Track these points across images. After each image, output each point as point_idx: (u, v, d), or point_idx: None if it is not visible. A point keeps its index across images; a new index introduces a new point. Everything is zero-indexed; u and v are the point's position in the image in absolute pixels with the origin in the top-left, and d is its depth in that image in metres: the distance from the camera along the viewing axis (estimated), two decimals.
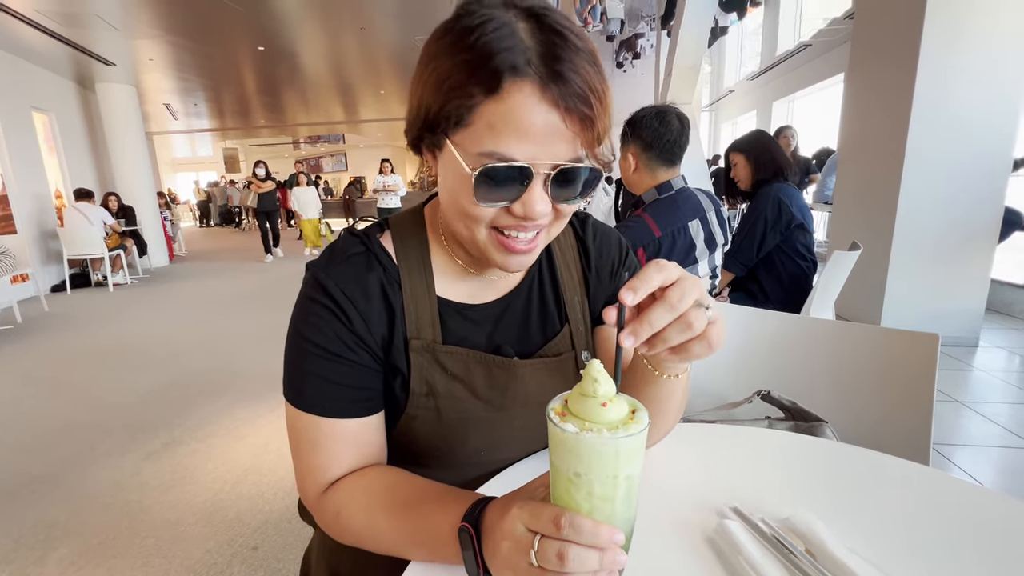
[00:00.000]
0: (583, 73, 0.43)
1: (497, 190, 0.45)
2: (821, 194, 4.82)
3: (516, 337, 0.61)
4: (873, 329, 0.92)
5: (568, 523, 0.34)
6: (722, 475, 0.58)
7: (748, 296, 1.96)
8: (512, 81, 0.42)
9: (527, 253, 0.50)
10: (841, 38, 6.51)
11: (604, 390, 0.35)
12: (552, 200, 0.47)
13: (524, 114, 0.43)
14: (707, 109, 12.16)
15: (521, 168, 0.44)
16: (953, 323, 2.92)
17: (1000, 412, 2.18)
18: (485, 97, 0.43)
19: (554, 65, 0.42)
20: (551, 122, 0.43)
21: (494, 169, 0.44)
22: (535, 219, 0.47)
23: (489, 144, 0.44)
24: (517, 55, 0.42)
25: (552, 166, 0.45)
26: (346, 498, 0.51)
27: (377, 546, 0.49)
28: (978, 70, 2.68)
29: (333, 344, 0.52)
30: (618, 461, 0.34)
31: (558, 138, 0.44)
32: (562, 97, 0.43)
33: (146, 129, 8.05)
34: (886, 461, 0.60)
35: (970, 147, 2.76)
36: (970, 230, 2.86)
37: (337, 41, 6.72)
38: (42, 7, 4.71)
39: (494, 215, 0.48)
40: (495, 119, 0.43)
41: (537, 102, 0.42)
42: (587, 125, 0.44)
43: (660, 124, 1.44)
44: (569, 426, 0.35)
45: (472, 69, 0.43)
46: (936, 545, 0.46)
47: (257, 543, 1.54)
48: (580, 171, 0.46)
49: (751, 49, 10.10)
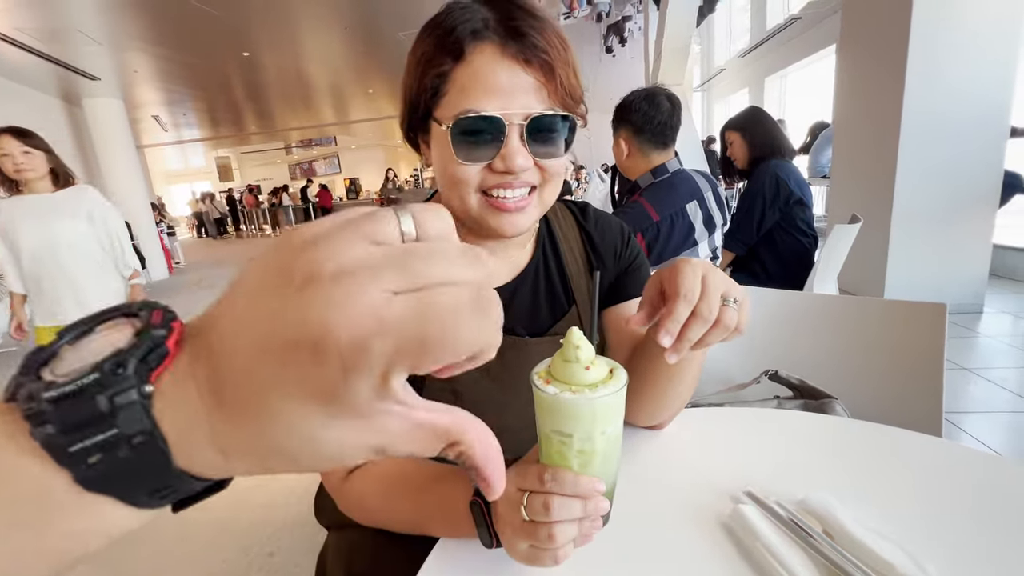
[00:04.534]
0: (538, 28, 0.48)
1: (476, 148, 0.49)
2: (816, 168, 4.78)
3: (526, 317, 0.63)
4: (879, 302, 0.91)
5: (551, 477, 0.38)
6: (734, 459, 0.58)
7: (750, 275, 1.95)
8: (474, 45, 0.48)
9: (519, 212, 0.53)
10: (831, 8, 6.43)
11: (585, 355, 0.38)
12: (532, 155, 0.50)
13: (489, 71, 0.48)
14: (699, 89, 12.06)
15: (493, 119, 0.48)
16: (957, 290, 2.91)
17: (1008, 377, 2.17)
18: (454, 63, 0.48)
19: (510, 24, 0.48)
20: (515, 76, 0.48)
21: (466, 119, 0.48)
22: (516, 171, 0.50)
23: (463, 104, 0.48)
24: (477, 23, 0.48)
25: (524, 116, 0.49)
26: (365, 484, 0.54)
27: (398, 526, 0.52)
28: (971, 34, 2.65)
29: None
30: (595, 419, 0.37)
31: (525, 91, 0.48)
32: (520, 51, 0.48)
33: (137, 142, 8.02)
34: (899, 435, 0.59)
35: (966, 112, 2.73)
36: (970, 196, 2.83)
37: (322, 42, 6.66)
38: (22, 24, 4.67)
39: (480, 176, 0.51)
40: (465, 80, 0.48)
41: (499, 58, 0.48)
42: (548, 73, 0.49)
43: (650, 107, 1.42)
44: (550, 388, 0.38)
45: (440, 42, 0.49)
46: (954, 517, 0.46)
47: (273, 549, 1.54)
48: (554, 121, 0.50)
49: (741, 26, 9.98)
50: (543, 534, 0.37)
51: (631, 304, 0.66)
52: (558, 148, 0.52)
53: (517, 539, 0.39)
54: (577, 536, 0.38)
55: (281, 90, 9.31)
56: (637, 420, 0.63)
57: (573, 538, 0.38)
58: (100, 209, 1.95)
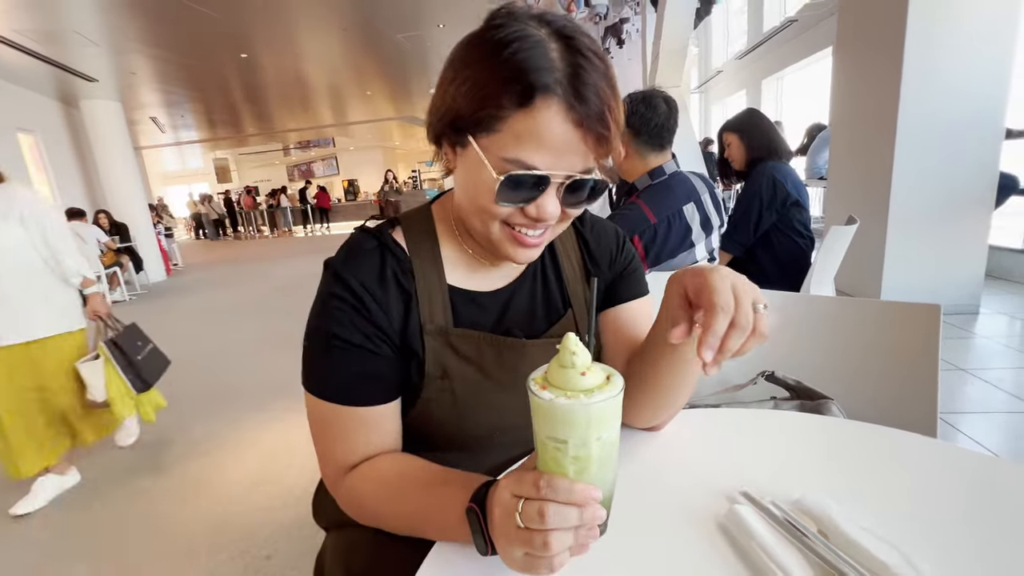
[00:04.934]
0: (604, 96, 0.48)
1: (516, 193, 0.50)
2: (813, 170, 4.80)
3: (523, 321, 0.64)
4: (874, 303, 0.92)
5: (546, 484, 0.37)
6: (730, 459, 0.58)
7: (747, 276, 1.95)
8: (542, 98, 0.46)
9: (535, 247, 0.55)
10: (828, 11, 6.46)
11: (581, 361, 0.38)
12: (562, 204, 0.52)
13: (549, 129, 0.47)
14: (696, 91, 12.08)
15: (541, 176, 0.49)
16: (953, 291, 2.92)
17: (1004, 377, 2.18)
18: (516, 109, 0.47)
19: (580, 87, 0.47)
20: (570, 138, 0.48)
21: (518, 176, 0.48)
22: (547, 221, 0.52)
23: (513, 151, 0.48)
24: (548, 75, 0.46)
25: (567, 176, 0.50)
26: (364, 484, 0.54)
27: (394, 527, 0.53)
28: (966, 37, 2.66)
29: (353, 335, 0.55)
30: (589, 424, 0.37)
31: (574, 151, 0.49)
32: (584, 117, 0.47)
33: (135, 144, 8.00)
34: (894, 436, 0.60)
35: (962, 113, 2.74)
36: (966, 197, 2.85)
37: (320, 44, 6.66)
38: (20, 27, 4.66)
39: (508, 212, 0.52)
40: (522, 130, 0.47)
41: (562, 120, 0.47)
42: (602, 144, 0.49)
43: (647, 109, 1.42)
44: (546, 393, 0.38)
45: (507, 82, 0.46)
46: (949, 518, 0.46)
47: (270, 552, 1.54)
48: (590, 181, 0.52)
49: (738, 28, 10.02)
50: (538, 542, 0.37)
51: (626, 307, 0.67)
52: (585, 198, 0.54)
53: (512, 547, 0.39)
54: (573, 544, 0.38)
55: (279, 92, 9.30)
56: (635, 422, 0.64)
57: (569, 546, 0.37)
58: (33, 210, 1.68)
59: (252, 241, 13.86)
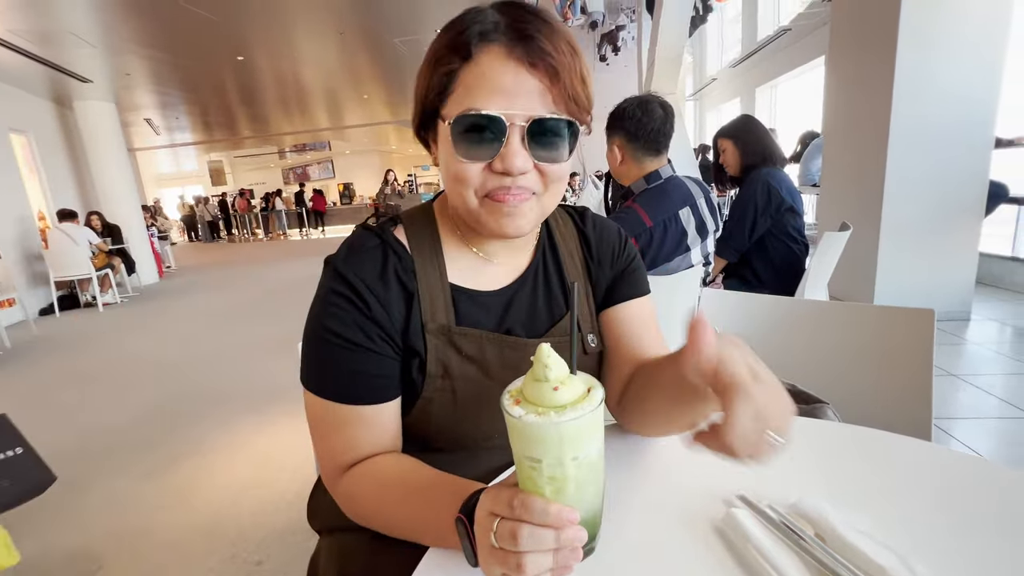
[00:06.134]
0: (545, 32, 0.49)
1: (477, 146, 0.50)
2: (807, 177, 4.84)
3: (525, 320, 0.63)
4: (869, 308, 0.92)
5: (520, 504, 0.35)
6: (726, 463, 0.57)
7: (742, 282, 1.96)
8: (482, 45, 0.49)
9: (518, 213, 0.53)
10: (820, 20, 6.55)
11: (555, 374, 0.36)
12: (533, 157, 0.51)
13: (494, 72, 0.49)
14: (691, 98, 12.19)
15: (494, 119, 0.48)
16: (945, 298, 2.95)
17: (996, 383, 2.20)
18: (462, 63, 0.50)
19: (518, 27, 0.49)
20: (520, 78, 0.48)
21: (467, 117, 0.49)
22: (514, 173, 0.50)
23: (467, 103, 0.49)
24: (487, 24, 0.50)
25: (526, 118, 0.49)
26: (362, 484, 0.54)
27: (388, 530, 0.53)
28: (958, 43, 2.70)
29: (354, 333, 0.54)
30: (562, 443, 0.34)
31: (529, 93, 0.49)
32: (527, 54, 0.48)
33: (129, 145, 7.96)
34: (889, 439, 0.60)
35: (953, 121, 2.78)
36: (957, 205, 2.88)
37: (317, 47, 6.66)
38: (14, 27, 4.63)
39: (481, 178, 0.51)
40: (471, 80, 0.49)
41: (504, 60, 0.49)
42: (553, 77, 0.49)
43: (643, 114, 1.43)
44: (517, 410, 0.35)
45: (451, 43, 0.51)
46: (944, 521, 0.46)
47: (261, 558, 1.52)
48: (557, 125, 0.50)
49: (732, 36, 10.13)
50: (512, 563, 0.35)
51: (628, 306, 0.67)
52: (560, 153, 0.52)
53: (489, 565, 0.37)
54: (554, 567, 0.35)
55: (275, 94, 9.29)
56: (640, 431, 0.63)
57: (549, 568, 0.35)
58: None
59: (246, 244, 13.79)
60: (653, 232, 1.41)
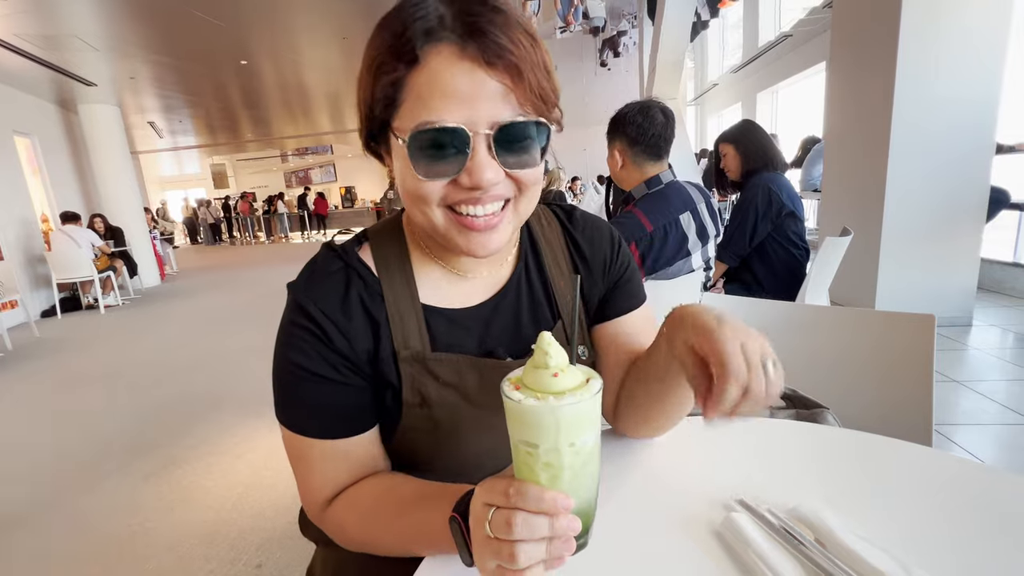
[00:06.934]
0: (500, 23, 0.42)
1: (439, 162, 0.44)
2: (808, 182, 4.85)
3: (508, 338, 0.58)
4: (869, 313, 0.92)
5: (515, 491, 0.34)
6: (726, 468, 0.58)
7: (743, 286, 1.96)
8: (429, 46, 0.42)
9: (491, 230, 0.47)
10: (821, 26, 6.57)
11: (555, 361, 0.36)
12: (503, 166, 0.45)
13: (447, 76, 0.42)
14: (692, 104, 12.23)
15: (455, 131, 0.42)
16: (946, 303, 2.94)
17: (997, 389, 2.19)
18: (408, 69, 0.43)
19: (468, 20, 0.42)
20: (477, 80, 0.42)
21: (423, 133, 0.42)
22: (484, 187, 0.44)
23: (422, 115, 0.42)
24: (431, 20, 0.42)
25: (491, 124, 0.43)
26: (347, 513, 0.52)
27: (381, 550, 0.51)
28: (958, 49, 2.71)
29: (319, 366, 0.51)
30: (559, 428, 0.35)
31: (491, 97, 0.42)
32: (482, 51, 0.41)
33: (132, 148, 7.99)
34: (889, 445, 0.60)
35: (954, 127, 2.78)
36: (958, 210, 2.88)
37: (320, 52, 6.70)
38: (20, 31, 4.67)
39: (443, 191, 0.45)
40: (422, 88, 0.42)
41: (458, 61, 0.42)
42: (515, 75, 0.43)
43: (644, 119, 1.44)
44: (516, 394, 0.36)
45: (391, 45, 0.43)
46: (944, 526, 0.46)
47: (261, 561, 1.51)
48: (526, 128, 0.44)
49: (733, 42, 10.16)
50: (505, 552, 0.34)
51: (623, 321, 0.63)
52: (532, 157, 0.46)
53: (483, 558, 0.36)
54: (545, 557, 0.35)
55: (278, 98, 9.33)
56: (631, 433, 0.63)
57: (541, 559, 0.34)
58: None
59: (248, 247, 13.82)
60: (653, 236, 1.41)
